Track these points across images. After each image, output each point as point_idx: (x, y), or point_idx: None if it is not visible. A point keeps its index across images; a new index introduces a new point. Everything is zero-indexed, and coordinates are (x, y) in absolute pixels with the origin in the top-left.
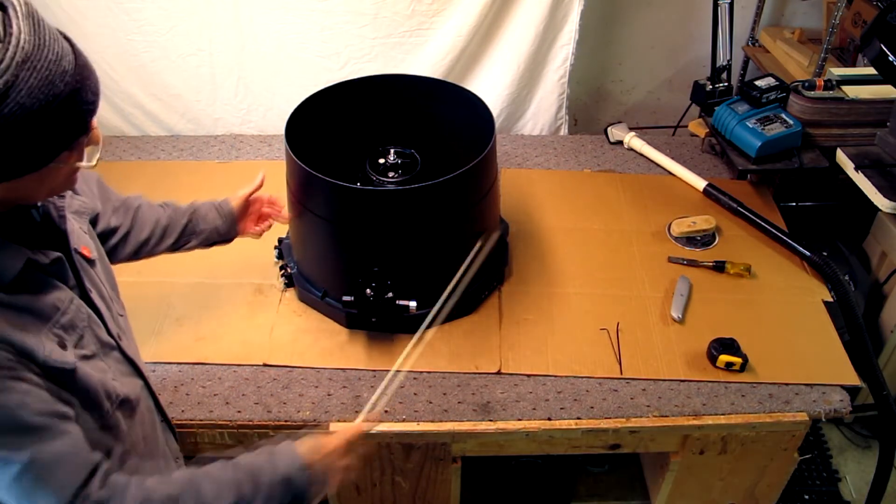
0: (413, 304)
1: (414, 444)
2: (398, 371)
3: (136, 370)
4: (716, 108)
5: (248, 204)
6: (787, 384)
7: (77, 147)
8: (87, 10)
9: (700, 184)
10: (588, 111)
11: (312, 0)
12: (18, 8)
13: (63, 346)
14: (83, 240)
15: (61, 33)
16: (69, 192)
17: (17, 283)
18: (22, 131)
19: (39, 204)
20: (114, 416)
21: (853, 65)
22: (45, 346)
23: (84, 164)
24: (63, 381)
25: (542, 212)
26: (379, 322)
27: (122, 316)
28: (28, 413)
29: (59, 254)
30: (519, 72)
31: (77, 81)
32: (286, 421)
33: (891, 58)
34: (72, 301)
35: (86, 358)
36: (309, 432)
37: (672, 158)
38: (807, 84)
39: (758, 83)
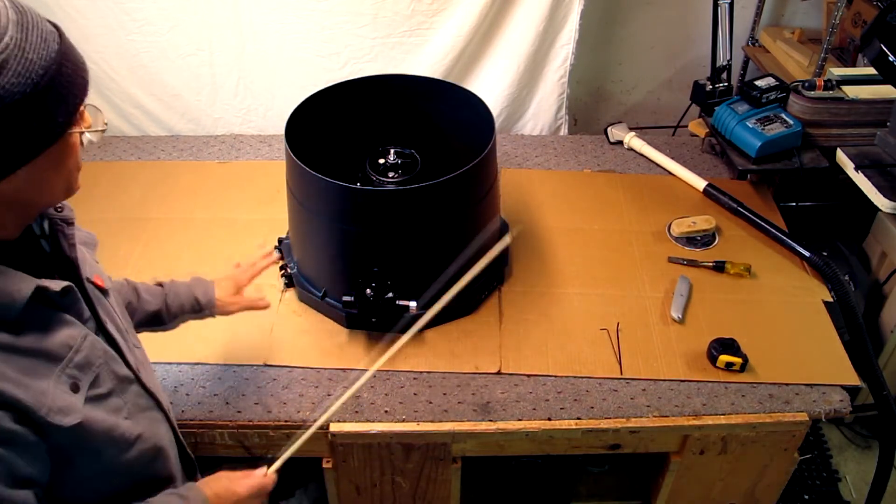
0: (413, 304)
1: (414, 444)
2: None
3: (157, 404)
4: (716, 108)
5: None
6: (787, 384)
7: (81, 118)
8: (87, 10)
9: (700, 184)
10: (588, 111)
11: (312, 0)
12: None
13: (76, 388)
14: (95, 269)
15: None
16: (76, 224)
17: (24, 321)
18: (34, 96)
19: (48, 231)
20: (119, 460)
21: (853, 65)
22: (51, 395)
23: (96, 128)
24: (59, 436)
25: (542, 212)
26: (379, 322)
27: (138, 348)
28: None
29: (68, 283)
30: (519, 72)
31: (63, 43)
32: (286, 421)
33: (891, 58)
34: (85, 338)
35: (99, 398)
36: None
37: (672, 158)
38: (807, 84)
39: (758, 83)
